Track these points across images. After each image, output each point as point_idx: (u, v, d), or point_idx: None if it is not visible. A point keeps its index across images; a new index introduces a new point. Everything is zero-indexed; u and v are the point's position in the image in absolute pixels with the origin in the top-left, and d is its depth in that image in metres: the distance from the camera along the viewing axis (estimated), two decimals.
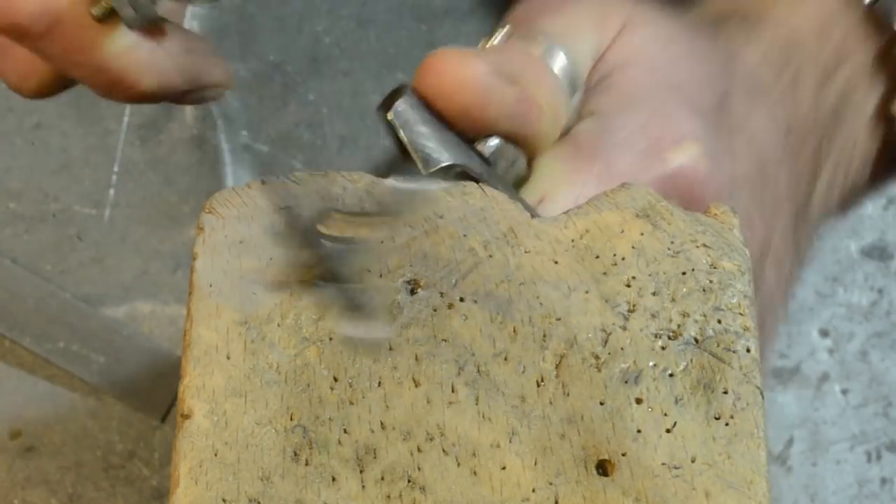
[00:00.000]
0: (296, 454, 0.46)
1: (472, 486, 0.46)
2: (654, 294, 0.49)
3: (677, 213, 0.50)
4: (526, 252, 0.50)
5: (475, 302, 0.48)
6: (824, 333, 0.76)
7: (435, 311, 0.48)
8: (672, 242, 0.50)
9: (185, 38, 0.55)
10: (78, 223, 0.78)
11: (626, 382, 0.48)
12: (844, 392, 0.75)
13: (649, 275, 0.49)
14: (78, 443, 0.74)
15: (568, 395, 0.47)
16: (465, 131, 0.52)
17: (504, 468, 0.46)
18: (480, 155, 0.52)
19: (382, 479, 0.46)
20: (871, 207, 0.78)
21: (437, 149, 0.51)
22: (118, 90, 0.54)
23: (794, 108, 0.57)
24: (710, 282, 0.49)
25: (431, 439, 0.46)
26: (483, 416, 0.47)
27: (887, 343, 0.76)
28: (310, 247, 0.48)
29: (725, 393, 0.48)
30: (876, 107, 0.59)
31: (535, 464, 0.46)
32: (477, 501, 0.46)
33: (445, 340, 0.48)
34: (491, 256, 0.49)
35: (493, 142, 0.53)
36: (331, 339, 0.48)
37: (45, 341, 0.75)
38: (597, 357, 0.48)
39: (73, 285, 0.76)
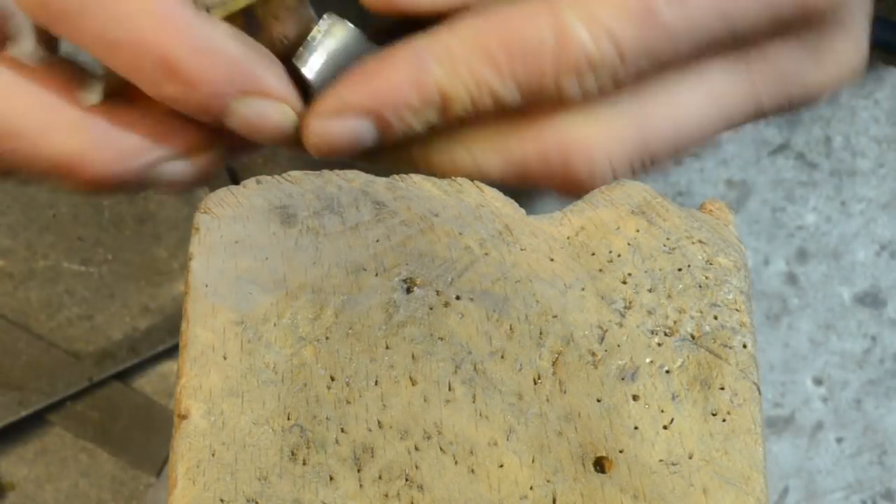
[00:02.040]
0: (293, 454, 0.46)
1: (470, 484, 0.46)
2: (650, 291, 0.49)
3: (673, 210, 0.50)
4: (522, 250, 0.50)
5: (471, 300, 0.48)
6: (818, 382, 0.76)
7: (431, 309, 0.48)
8: (668, 239, 0.50)
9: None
10: (66, 280, 0.78)
11: (622, 379, 0.48)
12: (839, 441, 0.75)
13: (645, 271, 0.49)
14: (70, 501, 0.74)
15: (565, 392, 0.47)
16: None
17: (502, 466, 0.46)
18: None
19: (380, 477, 0.46)
20: (864, 254, 0.78)
21: None
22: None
23: None
24: (706, 278, 0.49)
25: (429, 438, 0.46)
26: (480, 415, 0.47)
27: (881, 391, 0.76)
28: None
29: (722, 389, 0.47)
30: None
31: (533, 461, 0.46)
32: (475, 499, 0.46)
33: (442, 339, 0.48)
34: (487, 254, 0.49)
35: None
36: (327, 338, 0.48)
37: (39, 396, 0.75)
38: (593, 354, 0.48)
39: (64, 342, 0.77)
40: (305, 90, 0.52)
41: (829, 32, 0.53)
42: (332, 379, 0.47)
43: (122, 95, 0.52)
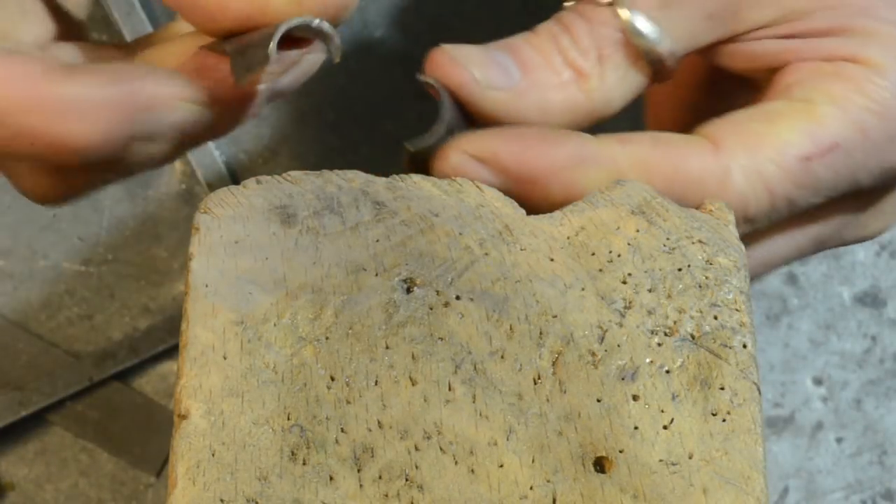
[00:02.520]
0: (293, 454, 0.46)
1: (470, 484, 0.46)
2: (650, 291, 0.49)
3: (673, 210, 0.50)
4: (522, 249, 0.50)
5: (471, 300, 0.48)
6: (818, 382, 0.76)
7: (431, 309, 0.48)
8: (668, 239, 0.50)
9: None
10: (66, 280, 0.78)
11: (622, 379, 0.48)
12: (839, 441, 0.75)
13: (645, 271, 0.49)
14: (70, 501, 0.74)
15: (565, 392, 0.47)
16: None
17: (501, 466, 0.46)
18: None
19: (380, 477, 0.46)
20: (864, 254, 0.78)
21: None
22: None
23: None
24: (706, 278, 0.49)
25: (429, 438, 0.46)
26: (480, 415, 0.47)
27: (881, 391, 0.76)
28: None
29: (722, 389, 0.47)
30: None
31: (533, 461, 0.46)
32: (475, 499, 0.46)
33: (442, 339, 0.48)
34: (487, 254, 0.49)
35: None
36: (327, 338, 0.48)
37: (39, 396, 0.75)
38: (593, 354, 0.48)
39: (64, 342, 0.77)
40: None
41: (892, 190, 0.56)
42: (332, 379, 0.47)
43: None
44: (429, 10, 0.81)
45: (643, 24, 0.53)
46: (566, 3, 0.54)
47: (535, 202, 0.51)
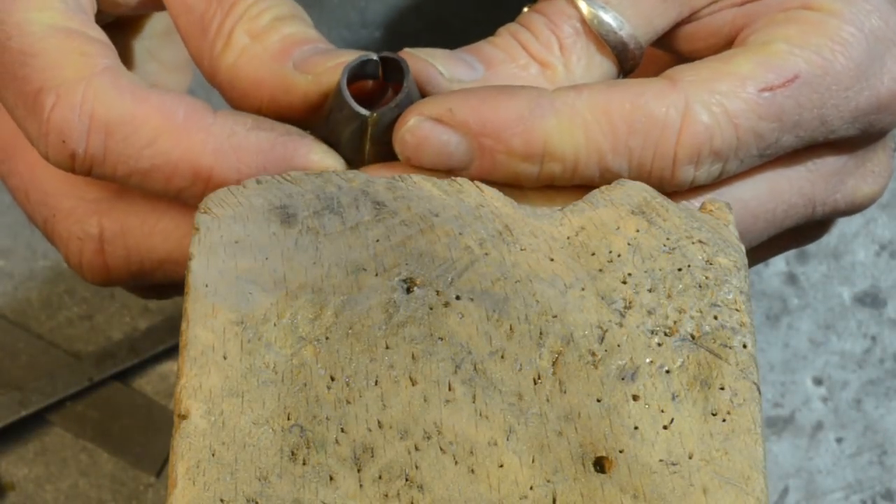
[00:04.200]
0: (293, 454, 0.46)
1: (470, 484, 0.46)
2: (650, 291, 0.49)
3: (672, 210, 0.50)
4: (521, 249, 0.50)
5: (471, 300, 0.49)
6: (818, 382, 0.76)
7: (431, 309, 0.48)
8: (668, 239, 0.50)
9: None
10: (66, 280, 0.78)
11: (622, 379, 0.48)
12: (839, 441, 0.75)
13: (645, 271, 0.49)
14: (70, 501, 0.74)
15: (565, 392, 0.47)
16: None
17: (501, 466, 0.46)
18: None
19: (380, 477, 0.46)
20: (864, 254, 0.78)
21: None
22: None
23: None
24: (706, 278, 0.49)
25: (429, 438, 0.46)
26: (480, 414, 0.47)
27: (881, 391, 0.76)
28: None
29: (722, 389, 0.48)
30: None
31: (533, 461, 0.46)
32: (475, 499, 0.46)
33: (442, 339, 0.48)
34: (487, 254, 0.49)
35: None
36: (327, 338, 0.48)
37: (39, 396, 0.75)
38: (593, 354, 0.48)
39: (64, 342, 0.77)
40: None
41: (876, 149, 0.56)
42: (332, 379, 0.47)
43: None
44: (428, 10, 0.81)
45: (601, 12, 0.53)
46: (525, 9, 0.55)
47: (498, 165, 0.51)
